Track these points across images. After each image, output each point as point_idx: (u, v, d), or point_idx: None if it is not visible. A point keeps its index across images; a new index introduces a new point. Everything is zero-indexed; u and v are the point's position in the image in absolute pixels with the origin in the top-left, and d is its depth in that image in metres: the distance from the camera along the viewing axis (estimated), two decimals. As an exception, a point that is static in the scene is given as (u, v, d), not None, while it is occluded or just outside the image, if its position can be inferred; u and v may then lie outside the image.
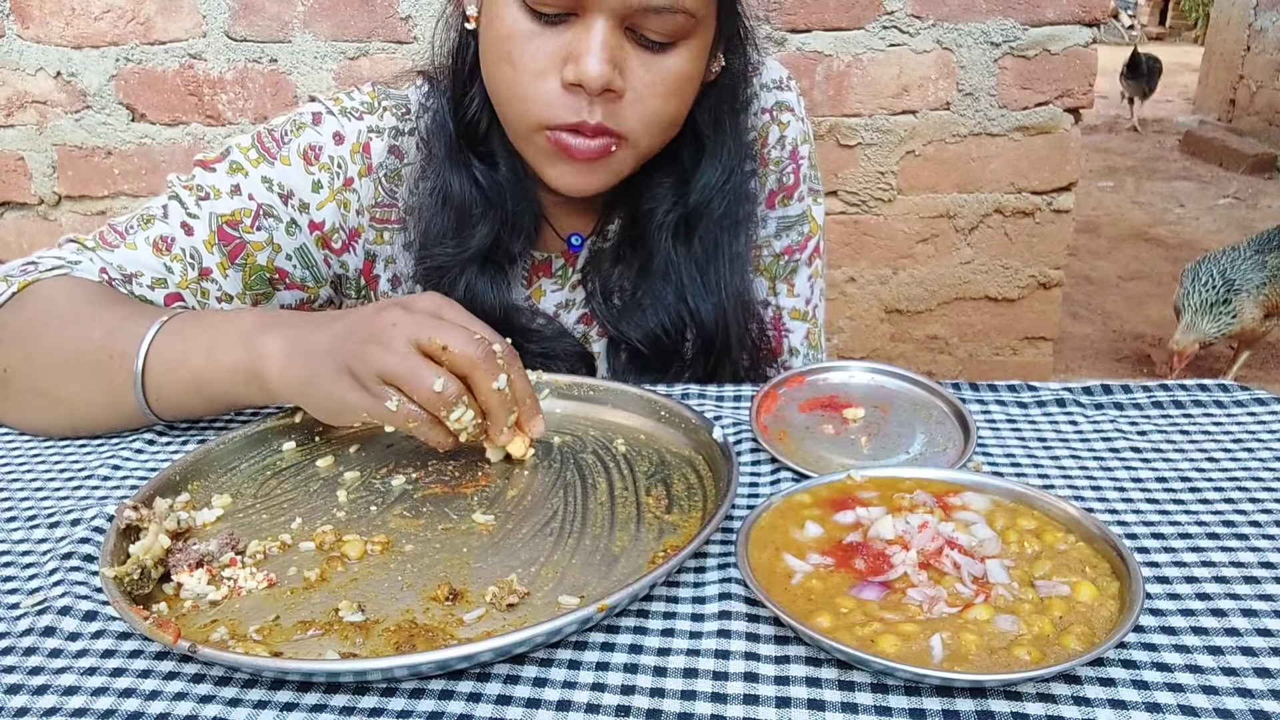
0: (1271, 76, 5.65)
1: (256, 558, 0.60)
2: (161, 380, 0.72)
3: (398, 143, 0.91)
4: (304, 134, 0.88)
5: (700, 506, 0.64)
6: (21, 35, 1.86)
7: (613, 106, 0.75)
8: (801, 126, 0.99)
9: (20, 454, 0.77)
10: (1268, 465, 0.68)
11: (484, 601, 0.55)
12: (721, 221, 0.90)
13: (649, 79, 0.75)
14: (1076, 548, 0.55)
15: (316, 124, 0.89)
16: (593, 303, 0.94)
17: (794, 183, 0.99)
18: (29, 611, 0.56)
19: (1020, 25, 1.75)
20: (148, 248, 0.85)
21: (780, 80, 0.97)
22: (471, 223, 0.86)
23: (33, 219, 2.00)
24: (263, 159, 0.87)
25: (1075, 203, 1.90)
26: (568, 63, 0.73)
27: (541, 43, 0.73)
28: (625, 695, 0.48)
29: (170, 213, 0.86)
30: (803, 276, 1.02)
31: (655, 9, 0.71)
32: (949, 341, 2.02)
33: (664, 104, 0.77)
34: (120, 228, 0.86)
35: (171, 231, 0.85)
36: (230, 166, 0.87)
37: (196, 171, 0.88)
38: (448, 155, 0.86)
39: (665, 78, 0.76)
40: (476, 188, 0.86)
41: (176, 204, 0.86)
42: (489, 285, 0.88)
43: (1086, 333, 3.30)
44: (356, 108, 0.90)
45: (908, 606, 0.52)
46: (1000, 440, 0.73)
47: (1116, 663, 0.49)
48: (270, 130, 0.89)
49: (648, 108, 0.76)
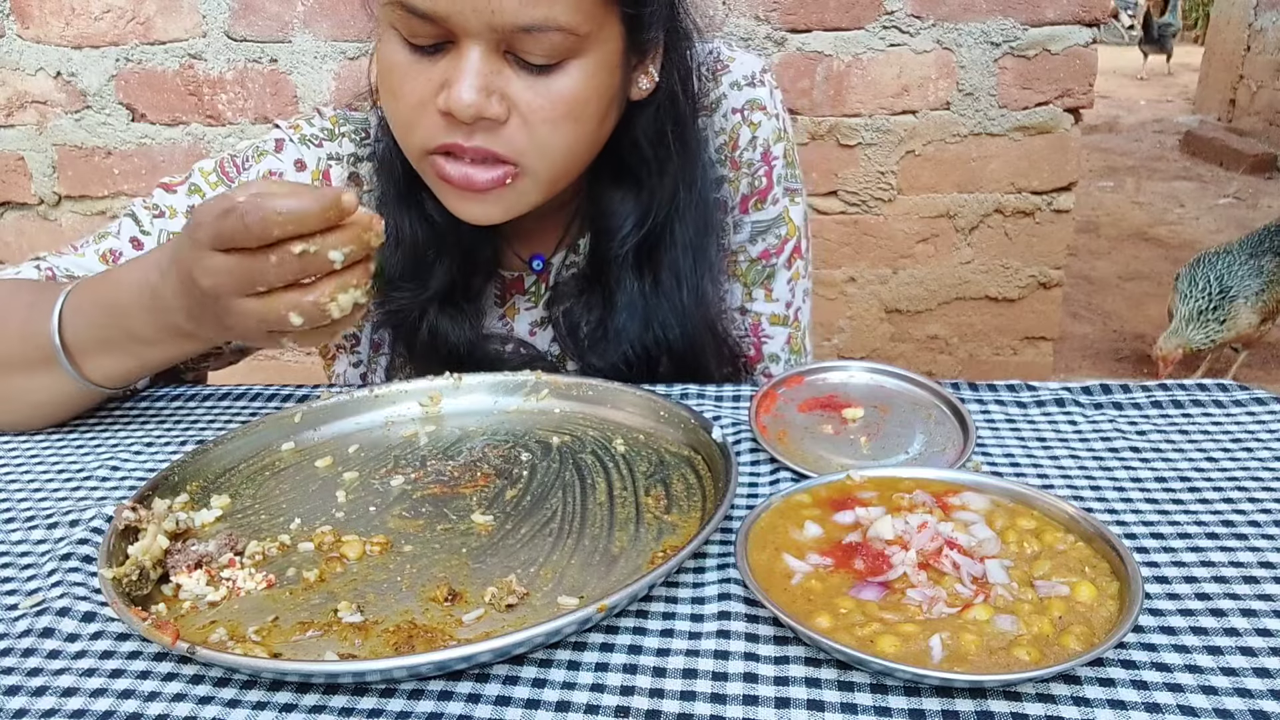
0: (1271, 76, 5.65)
1: (255, 558, 0.60)
2: (79, 331, 0.72)
3: (356, 169, 0.90)
4: (265, 160, 0.88)
5: (699, 507, 0.64)
6: (21, 35, 1.86)
7: (497, 133, 0.73)
8: (775, 124, 0.93)
9: (19, 455, 0.77)
10: (1267, 465, 0.68)
11: (483, 602, 0.55)
12: (686, 241, 0.87)
13: (536, 103, 0.72)
14: (1076, 548, 0.55)
15: (279, 151, 0.89)
16: (558, 334, 0.92)
17: (766, 185, 0.95)
18: (27, 613, 0.56)
19: (1020, 25, 1.75)
20: (95, 258, 0.86)
21: (752, 76, 0.92)
22: (427, 263, 0.85)
23: (33, 219, 2.00)
24: (221, 182, 0.88)
25: (1075, 203, 1.90)
26: (440, 92, 0.71)
27: (420, 72, 0.72)
28: (624, 696, 0.48)
29: (123, 228, 0.87)
30: (781, 280, 0.98)
31: (526, 28, 0.68)
32: (949, 341, 2.02)
33: (555, 128, 0.74)
34: (77, 244, 0.88)
35: (120, 245, 0.87)
36: (189, 188, 0.88)
37: (157, 191, 0.89)
38: (397, 196, 0.85)
39: (554, 100, 0.72)
40: (429, 226, 0.85)
41: (130, 220, 0.87)
42: (450, 324, 0.87)
43: (1086, 333, 3.30)
44: (316, 134, 0.90)
45: (907, 607, 0.52)
46: (1000, 440, 0.73)
47: (1116, 663, 0.49)
48: (233, 156, 0.90)
49: (538, 133, 0.73)
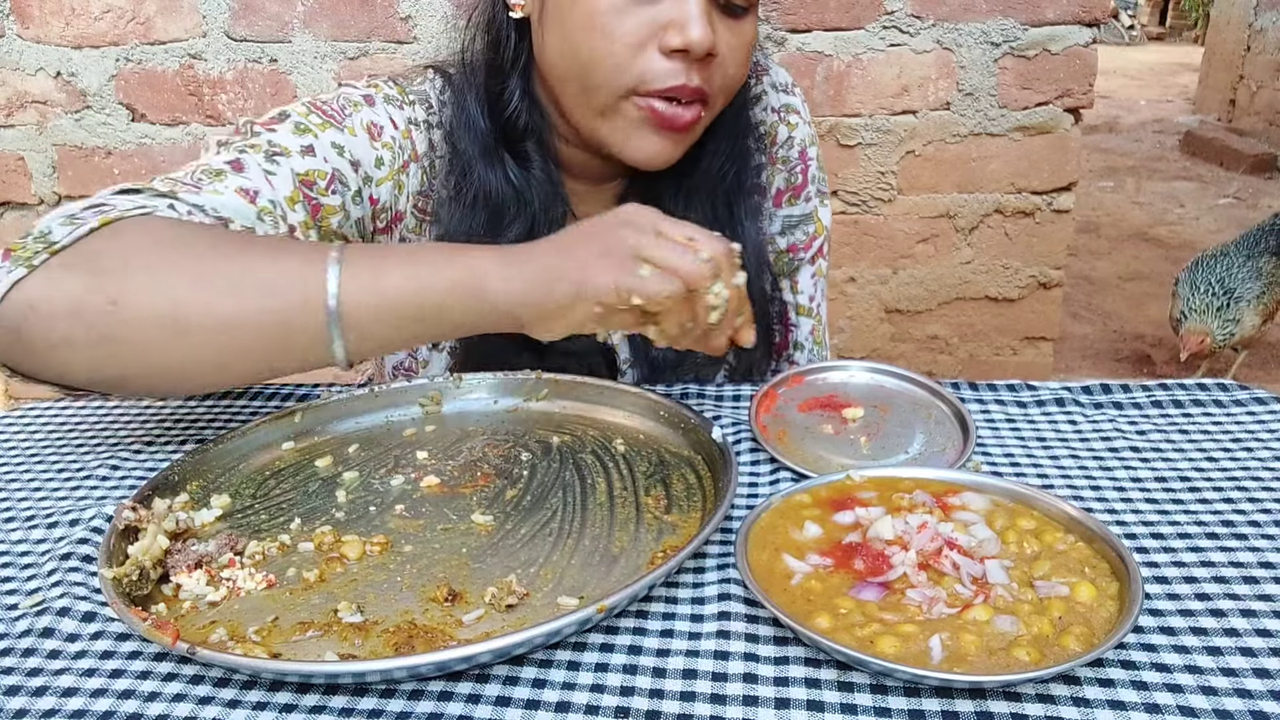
0: (1271, 76, 5.65)
1: (255, 558, 0.60)
2: (361, 314, 0.65)
3: (430, 135, 0.90)
4: (361, 111, 0.85)
5: (699, 507, 0.64)
6: (21, 35, 1.86)
7: (707, 71, 0.77)
8: (808, 130, 1.01)
9: (19, 455, 0.77)
10: (1267, 465, 0.68)
11: (483, 602, 0.55)
12: (729, 187, 0.92)
13: (733, 44, 0.78)
14: (1076, 548, 0.55)
15: (370, 105, 0.86)
16: None
17: (802, 182, 1.01)
18: (28, 612, 0.56)
19: (1020, 25, 1.75)
20: (234, 195, 0.75)
21: (786, 85, 1.00)
22: (505, 221, 0.87)
23: (33, 219, 2.00)
24: (329, 124, 0.83)
25: (1075, 203, 1.90)
26: (668, 30, 0.74)
27: (637, 13, 0.74)
28: (624, 696, 0.48)
29: (247, 165, 0.77)
30: (806, 274, 1.05)
31: None
32: (949, 341, 2.02)
33: (740, 69, 0.81)
34: (185, 177, 0.75)
35: (254, 184, 0.76)
36: (295, 127, 0.81)
37: (259, 130, 0.81)
38: (482, 154, 0.86)
39: (744, 42, 0.79)
40: (509, 186, 0.87)
41: (251, 157, 0.78)
42: None
43: (1086, 333, 3.29)
44: (395, 96, 0.88)
45: (907, 607, 0.51)
46: (1000, 440, 0.73)
47: (1116, 663, 0.49)
48: (323, 102, 0.84)
49: (729, 73, 0.79)
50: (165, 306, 0.63)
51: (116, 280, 0.63)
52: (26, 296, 0.63)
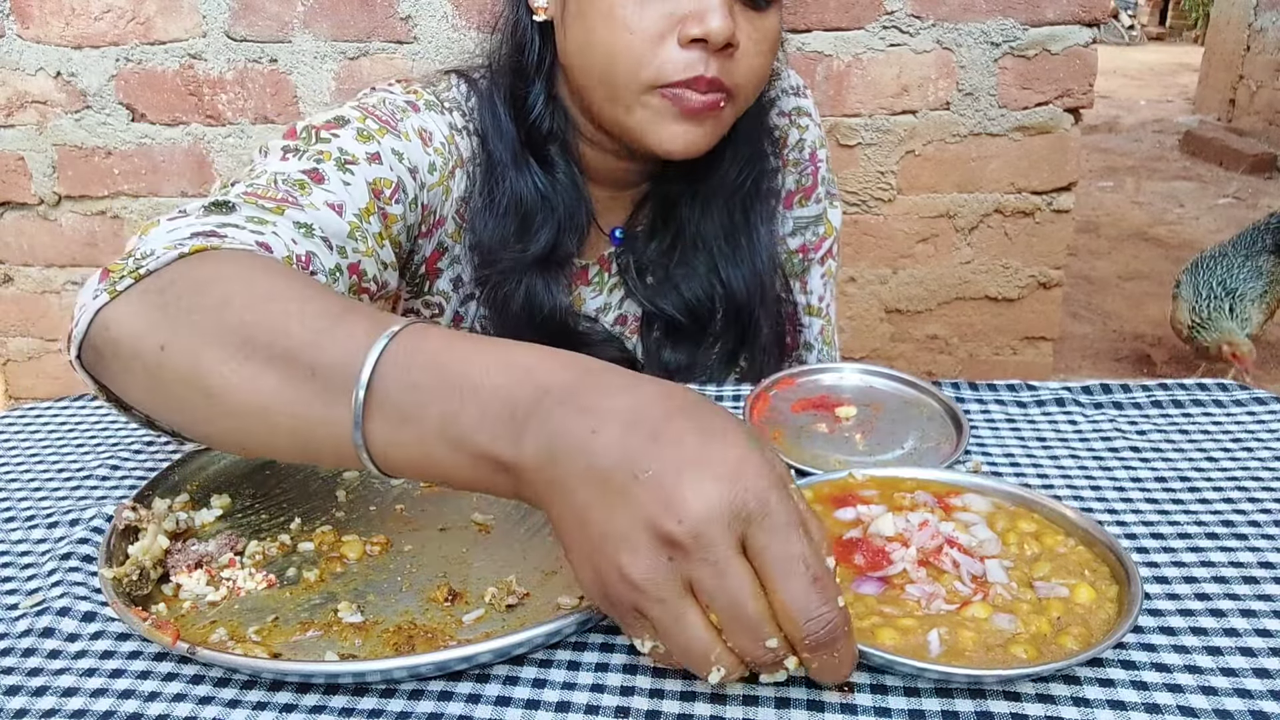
0: (1271, 76, 5.65)
1: (255, 558, 0.60)
2: (390, 453, 0.51)
3: (471, 142, 0.89)
4: (410, 117, 0.83)
5: (699, 507, 0.64)
6: (21, 35, 1.86)
7: (727, 63, 0.77)
8: (819, 132, 1.03)
9: (19, 455, 0.77)
10: (1267, 465, 0.68)
11: (483, 602, 0.55)
12: (747, 192, 0.93)
13: (755, 36, 0.78)
14: (1076, 551, 0.55)
15: (416, 111, 0.84)
16: (627, 280, 0.96)
17: (812, 184, 1.03)
18: (28, 612, 0.56)
19: (1020, 25, 1.75)
20: (326, 209, 0.72)
21: (798, 87, 1.01)
22: (534, 227, 0.87)
23: (33, 219, 2.00)
24: (386, 130, 0.80)
25: (1075, 203, 1.90)
26: (688, 21, 0.74)
27: (657, 5, 0.75)
28: (624, 696, 0.48)
29: (327, 176, 0.73)
30: (815, 275, 1.06)
31: None
32: (949, 341, 2.02)
33: (764, 62, 0.81)
34: (277, 193, 0.71)
35: (338, 196, 0.73)
36: (359, 134, 0.78)
37: (325, 135, 0.77)
38: (514, 161, 0.86)
39: (767, 36, 0.79)
40: (536, 192, 0.87)
41: (328, 166, 0.74)
42: (546, 288, 0.89)
43: (1086, 333, 3.29)
44: (434, 102, 0.87)
45: (906, 602, 0.52)
46: (1000, 440, 0.73)
47: (1115, 663, 0.49)
48: (372, 107, 0.82)
49: (753, 65, 0.79)
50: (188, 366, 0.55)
51: (171, 326, 0.56)
52: (105, 324, 0.58)
